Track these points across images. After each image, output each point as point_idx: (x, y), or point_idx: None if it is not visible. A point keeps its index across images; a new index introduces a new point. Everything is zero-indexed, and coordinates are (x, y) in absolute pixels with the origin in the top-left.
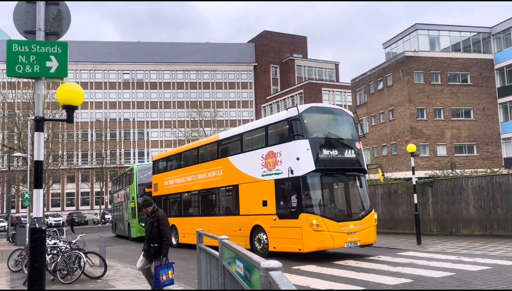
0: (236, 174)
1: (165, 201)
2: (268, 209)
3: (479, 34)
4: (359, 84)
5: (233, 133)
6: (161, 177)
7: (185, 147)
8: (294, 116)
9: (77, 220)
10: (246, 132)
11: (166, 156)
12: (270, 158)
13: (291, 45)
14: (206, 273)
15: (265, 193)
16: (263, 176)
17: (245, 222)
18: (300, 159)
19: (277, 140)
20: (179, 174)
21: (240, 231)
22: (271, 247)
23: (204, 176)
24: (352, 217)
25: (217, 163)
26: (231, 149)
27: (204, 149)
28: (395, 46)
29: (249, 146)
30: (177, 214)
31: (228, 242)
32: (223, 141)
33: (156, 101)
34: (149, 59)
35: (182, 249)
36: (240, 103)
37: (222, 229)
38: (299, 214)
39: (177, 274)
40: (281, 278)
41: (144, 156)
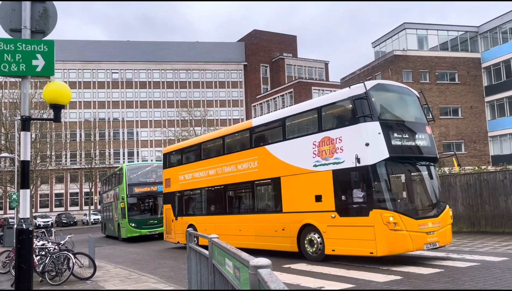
0: (276, 165)
1: (180, 198)
2: (323, 205)
3: (466, 33)
4: (348, 83)
5: (271, 118)
6: (174, 171)
7: (206, 137)
8: (360, 94)
9: (66, 220)
10: (290, 116)
11: (181, 148)
12: (325, 145)
13: (281, 44)
14: (196, 272)
15: (319, 186)
16: (316, 166)
17: (290, 220)
18: (370, 144)
19: (336, 124)
20: (198, 167)
21: (283, 231)
22: (328, 249)
23: (232, 168)
24: (429, 214)
25: (249, 153)
26: (268, 137)
27: (231, 138)
28: (384, 45)
29: (295, 132)
30: (196, 212)
31: (218, 240)
32: (258, 128)
33: (145, 101)
34: (138, 58)
35: (173, 249)
36: (230, 102)
37: (258, 229)
38: (370, 210)
39: (168, 274)
40: (270, 276)
41: (133, 156)
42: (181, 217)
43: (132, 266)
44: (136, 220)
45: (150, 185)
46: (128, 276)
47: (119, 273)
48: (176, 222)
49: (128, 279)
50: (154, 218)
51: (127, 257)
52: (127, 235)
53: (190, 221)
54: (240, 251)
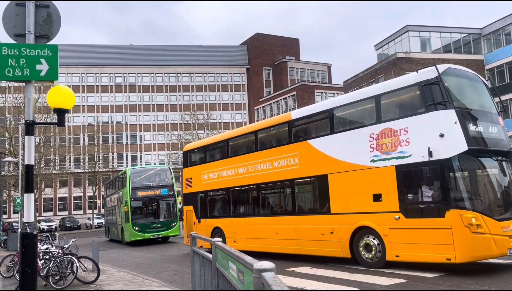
0: (322, 161)
1: (203, 198)
2: (383, 205)
3: (469, 36)
4: (351, 85)
5: (315, 109)
6: (196, 170)
7: (234, 132)
8: (431, 79)
9: (70, 224)
10: (339, 107)
11: (205, 145)
12: (386, 137)
13: (283, 47)
14: (200, 276)
15: (378, 184)
16: (374, 161)
17: (340, 222)
18: (446, 135)
19: (399, 114)
20: (226, 165)
21: (332, 235)
22: (390, 255)
23: (266, 166)
24: (510, 214)
25: (288, 148)
26: (312, 130)
27: (265, 132)
28: (386, 47)
29: (346, 124)
30: (223, 214)
31: (221, 244)
32: (298, 121)
33: (148, 105)
34: (141, 62)
35: (176, 252)
36: (233, 105)
37: (300, 232)
38: (446, 211)
39: (171, 277)
40: (274, 279)
41: (137, 160)
42: (204, 219)
43: (135, 270)
44: (139, 224)
45: (154, 189)
46: (132, 280)
47: (123, 277)
48: (199, 225)
49: (132, 282)
50: (157, 221)
51: (130, 261)
52: (131, 238)
53: (215, 224)
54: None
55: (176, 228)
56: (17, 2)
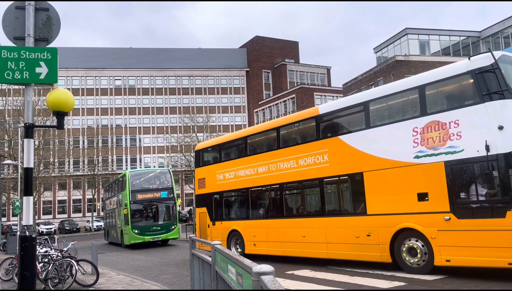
0: (356, 158)
1: (218, 200)
2: (430, 204)
3: (468, 38)
4: (350, 88)
5: (347, 103)
6: (210, 170)
7: (253, 129)
8: (485, 66)
9: (69, 227)
10: (376, 99)
11: (220, 143)
12: (432, 131)
13: (282, 50)
14: (199, 279)
15: (424, 181)
16: (418, 157)
17: (378, 224)
18: (505, 128)
19: (448, 105)
20: (243, 165)
21: (369, 238)
22: (439, 259)
23: (290, 164)
24: None
25: (316, 145)
26: (344, 125)
27: (289, 128)
28: (385, 50)
29: (384, 117)
30: (241, 216)
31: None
32: (327, 116)
33: (148, 107)
34: (140, 65)
35: (176, 255)
36: (232, 108)
37: (330, 234)
38: (508, 210)
39: (170, 280)
40: (273, 283)
41: (136, 162)
42: (220, 222)
43: (134, 273)
44: (139, 227)
45: (154, 191)
46: (131, 283)
47: (122, 280)
48: (213, 228)
49: (131, 286)
50: (157, 224)
51: (129, 264)
52: (130, 241)
53: (232, 226)
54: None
55: (175, 231)
56: (16, 5)
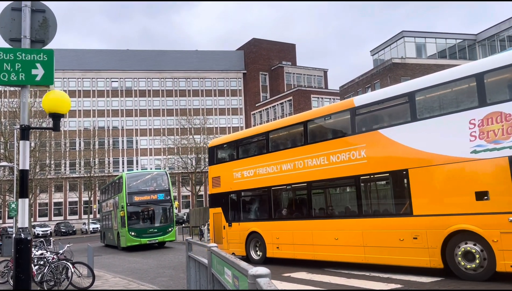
0: (400, 154)
1: (236, 199)
2: (490, 204)
3: (464, 41)
4: (347, 91)
5: (388, 94)
6: (226, 168)
7: (276, 124)
8: None
9: (65, 229)
10: (423, 89)
11: (237, 139)
12: (494, 123)
13: (280, 52)
14: (196, 281)
15: (483, 179)
16: (476, 153)
17: (427, 226)
18: None
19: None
20: (265, 162)
21: (415, 241)
22: (501, 265)
23: (320, 161)
24: None
25: (351, 140)
26: (384, 118)
27: (318, 122)
28: (382, 53)
29: (433, 109)
30: (261, 217)
31: (217, 249)
32: (364, 108)
33: (145, 109)
34: (138, 67)
35: (172, 258)
36: (229, 110)
37: (369, 237)
38: None
39: (167, 283)
40: (269, 285)
41: (133, 164)
42: (237, 223)
43: (131, 275)
44: (136, 229)
45: (150, 193)
46: (127, 286)
47: (118, 283)
48: (230, 229)
49: (127, 288)
50: (154, 226)
51: (126, 266)
52: (127, 244)
53: (251, 228)
54: (239, 260)
55: (172, 233)
56: (13, 7)
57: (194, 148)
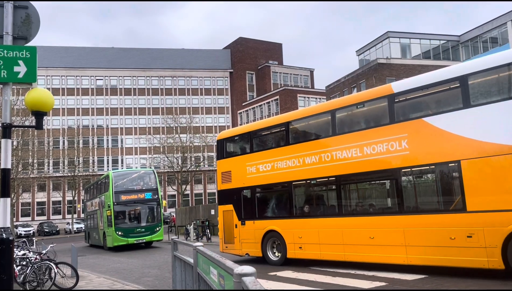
0: (449, 144)
1: (250, 196)
2: None
3: (448, 42)
4: (333, 90)
5: (434, 78)
6: (238, 162)
7: (298, 113)
8: None
9: (48, 229)
10: (478, 72)
11: (251, 131)
12: None
13: (266, 52)
14: (181, 281)
15: None
16: None
17: (484, 223)
18: None
19: None
20: (285, 155)
21: (469, 240)
22: None
23: (352, 153)
24: None
25: (390, 130)
26: (430, 105)
27: (348, 111)
28: (368, 53)
29: (490, 94)
30: (281, 215)
31: (203, 248)
32: (405, 94)
33: (130, 108)
34: (123, 65)
35: (158, 257)
36: (216, 109)
37: (412, 235)
38: None
39: (152, 282)
40: (254, 284)
41: (118, 163)
42: (252, 221)
43: (115, 275)
44: (123, 228)
45: (138, 192)
46: (112, 286)
47: (103, 283)
48: (242, 228)
49: (112, 288)
50: (141, 226)
51: (110, 267)
52: (114, 244)
53: (269, 226)
54: (224, 259)
55: (160, 233)
56: None
57: (180, 147)
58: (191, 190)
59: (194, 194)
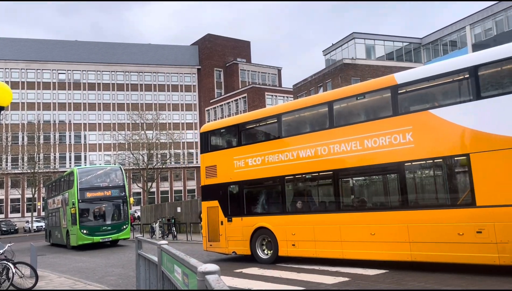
0: (458, 137)
1: (237, 191)
2: None
3: (410, 45)
4: (300, 89)
5: (439, 69)
6: (224, 156)
7: (292, 105)
8: None
9: (6, 228)
10: (487, 64)
11: (239, 123)
12: None
13: (234, 49)
14: (145, 280)
15: None
16: None
17: (495, 218)
18: None
19: None
20: (276, 148)
21: (479, 235)
22: None
23: (351, 146)
24: None
25: (393, 122)
26: (437, 97)
27: (347, 103)
28: (334, 53)
29: (503, 85)
30: (271, 211)
31: (167, 247)
32: (409, 86)
33: (94, 103)
34: (87, 59)
35: (121, 256)
36: (183, 106)
37: (417, 231)
38: None
39: (116, 282)
40: (218, 282)
41: (81, 160)
42: (239, 218)
43: (77, 275)
44: (88, 227)
45: (104, 189)
46: (73, 286)
47: (63, 283)
48: (229, 225)
49: (73, 288)
50: (107, 224)
51: (72, 266)
52: (78, 242)
53: (259, 223)
54: (188, 257)
55: (127, 231)
56: None
57: (146, 144)
58: (157, 187)
59: (160, 191)
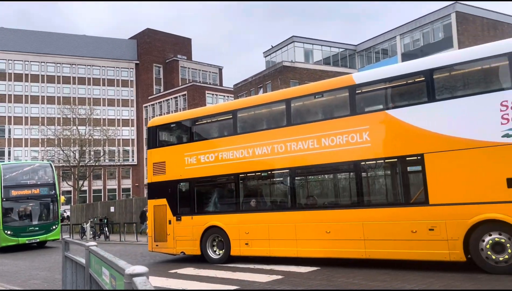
0: (413, 137)
1: (187, 189)
2: None
3: (346, 51)
4: (241, 89)
5: (397, 71)
6: (173, 152)
7: (248, 101)
8: None
9: None
10: (443, 67)
11: (191, 118)
12: None
13: (175, 45)
14: (72, 283)
15: None
16: (509, 137)
17: (447, 216)
18: None
19: None
20: (231, 145)
21: (431, 233)
22: None
23: (308, 144)
24: None
25: (351, 121)
26: (394, 98)
27: (304, 101)
28: (274, 55)
29: (455, 89)
30: (224, 209)
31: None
32: (367, 86)
33: (21, 95)
34: (13, 47)
35: (48, 258)
36: (119, 101)
37: (372, 229)
38: None
39: (40, 286)
40: (145, 284)
41: (4, 156)
42: (189, 217)
43: None
44: (13, 227)
45: (31, 187)
46: None
47: None
48: (178, 224)
49: None
50: (35, 224)
51: None
52: (1, 244)
53: (210, 222)
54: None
55: (57, 232)
56: None
57: (78, 140)
58: (89, 186)
59: (92, 190)
